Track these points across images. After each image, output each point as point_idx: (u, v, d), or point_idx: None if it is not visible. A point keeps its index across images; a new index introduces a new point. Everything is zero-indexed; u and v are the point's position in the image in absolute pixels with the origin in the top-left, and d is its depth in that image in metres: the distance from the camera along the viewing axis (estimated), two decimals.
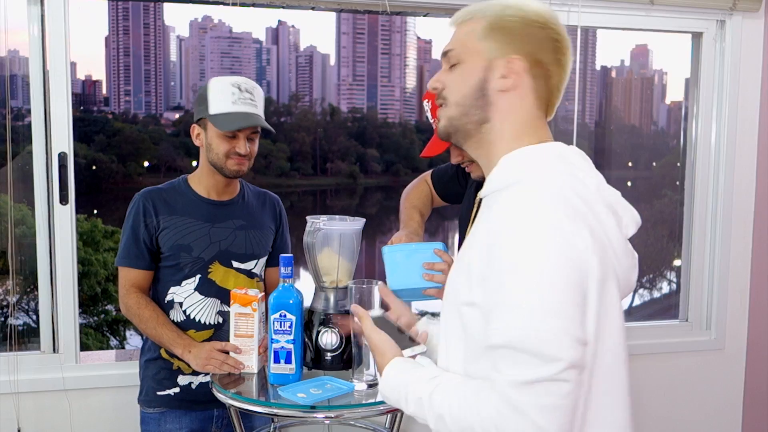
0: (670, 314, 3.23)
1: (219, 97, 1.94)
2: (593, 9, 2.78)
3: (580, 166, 1.13)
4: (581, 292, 1.01)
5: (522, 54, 1.12)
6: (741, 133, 3.00)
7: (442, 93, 1.18)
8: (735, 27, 2.95)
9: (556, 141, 1.16)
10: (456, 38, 1.18)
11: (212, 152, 1.98)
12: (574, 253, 1.00)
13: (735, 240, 3.04)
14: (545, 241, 0.99)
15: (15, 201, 2.43)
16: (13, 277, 2.45)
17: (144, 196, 2.03)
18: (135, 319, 2.00)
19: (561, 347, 0.97)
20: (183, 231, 2.01)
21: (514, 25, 1.13)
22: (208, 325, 2.03)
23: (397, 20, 50.12)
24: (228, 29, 55.37)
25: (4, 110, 2.49)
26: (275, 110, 46.06)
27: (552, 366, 0.96)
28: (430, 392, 1.09)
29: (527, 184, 1.06)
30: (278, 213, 2.19)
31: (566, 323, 0.98)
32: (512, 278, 0.99)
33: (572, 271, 1.00)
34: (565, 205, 1.03)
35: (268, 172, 34.01)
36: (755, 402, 3.09)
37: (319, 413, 1.71)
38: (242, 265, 2.05)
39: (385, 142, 42.05)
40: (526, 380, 0.97)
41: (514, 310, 0.98)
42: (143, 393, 2.08)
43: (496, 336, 1.00)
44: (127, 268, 2.02)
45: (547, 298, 0.97)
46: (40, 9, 2.38)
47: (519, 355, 0.98)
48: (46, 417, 2.44)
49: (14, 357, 2.40)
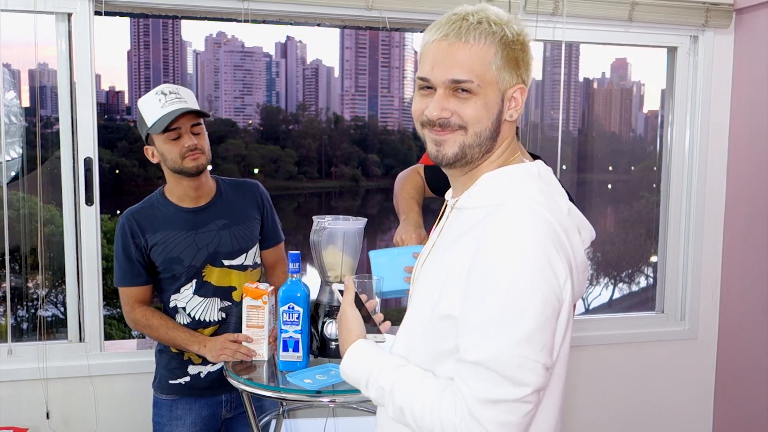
0: (647, 306, 3.23)
1: (149, 108, 1.89)
2: (577, 25, 2.78)
3: (554, 187, 1.09)
4: (555, 319, 0.99)
5: (525, 82, 1.08)
6: (712, 139, 3.00)
7: (453, 121, 1.06)
8: (707, 42, 2.95)
9: (543, 147, 1.14)
10: (468, 65, 1.03)
11: (168, 160, 1.90)
12: (556, 284, 0.98)
13: (707, 237, 3.04)
14: (534, 270, 0.96)
15: (44, 202, 2.42)
16: (42, 272, 2.45)
17: (127, 218, 1.96)
18: (146, 330, 1.96)
19: (531, 374, 0.96)
20: (170, 245, 1.95)
21: (518, 53, 1.05)
22: (212, 322, 2.00)
23: (396, 35, 50.00)
24: (240, 44, 55.26)
25: (35, 118, 2.49)
26: (284, 119, 46.06)
27: (519, 390, 0.96)
28: (392, 383, 1.06)
29: (515, 209, 1.00)
30: (260, 199, 2.08)
31: (539, 351, 0.96)
32: (495, 299, 0.95)
33: (553, 301, 0.98)
34: (553, 235, 0.99)
35: (277, 176, 33.91)
36: (726, 387, 3.09)
37: (324, 397, 1.71)
38: (233, 261, 2.01)
39: (385, 148, 41.95)
40: (493, 399, 0.96)
41: (492, 331, 0.95)
42: (157, 380, 2.07)
43: (470, 352, 0.97)
44: (127, 288, 1.98)
45: (527, 324, 0.95)
46: (68, 25, 2.37)
47: (489, 373, 0.96)
48: (72, 401, 2.44)
49: (43, 346, 2.40)
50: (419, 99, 1.09)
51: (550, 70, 3.33)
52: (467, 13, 1.05)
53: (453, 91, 1.05)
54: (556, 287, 0.98)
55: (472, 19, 1.04)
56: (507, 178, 1.07)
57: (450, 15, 1.06)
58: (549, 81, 3.32)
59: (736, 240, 3.00)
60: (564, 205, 1.08)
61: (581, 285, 1.10)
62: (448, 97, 1.05)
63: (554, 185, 1.10)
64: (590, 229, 1.13)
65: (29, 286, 2.77)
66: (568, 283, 1.00)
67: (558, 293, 0.98)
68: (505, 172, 1.08)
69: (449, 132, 1.06)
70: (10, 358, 2.38)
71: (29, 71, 2.59)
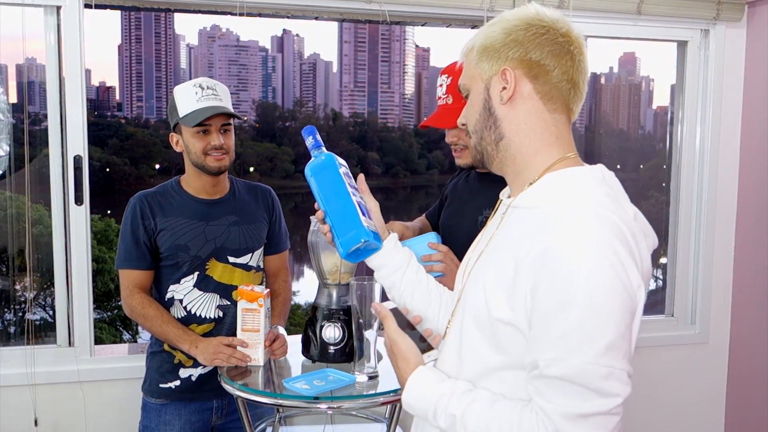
0: (657, 309, 3.23)
1: (184, 99, 1.94)
2: (584, 19, 2.78)
3: (619, 191, 1.09)
4: (631, 325, 0.98)
5: (511, 62, 1.08)
6: (724, 136, 3.00)
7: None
8: (718, 36, 2.95)
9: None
10: (463, 72, 1.16)
11: (191, 153, 1.97)
12: (631, 288, 0.97)
13: (718, 239, 3.04)
14: (612, 277, 0.94)
15: (32, 201, 2.43)
16: (30, 274, 2.45)
17: (139, 199, 2.01)
18: (140, 319, 1.98)
19: (618, 383, 0.95)
20: (179, 231, 1.99)
21: (496, 39, 1.09)
22: (208, 319, 2.01)
23: (396, 29, 50.10)
24: (235, 38, 55.35)
25: (23, 115, 2.49)
26: (280, 115, 46.12)
27: (608, 401, 0.94)
28: (463, 410, 1.04)
29: (585, 213, 0.99)
30: (270, 204, 2.14)
31: (622, 359, 0.95)
32: (574, 310, 0.94)
33: (631, 306, 0.97)
34: (623, 239, 0.98)
35: (273, 174, 34.01)
36: (737, 392, 3.09)
37: (321, 404, 1.70)
38: (238, 259, 2.03)
39: (385, 146, 42.06)
40: (582, 413, 0.94)
41: (574, 343, 0.94)
42: (147, 383, 2.08)
43: (553, 367, 0.95)
44: (129, 270, 2.00)
45: (610, 333, 0.94)
46: (57, 19, 2.37)
47: (576, 387, 0.94)
48: (61, 407, 2.44)
49: (32, 350, 2.39)
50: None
51: None
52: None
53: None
54: (631, 291, 0.97)
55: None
56: (571, 180, 1.06)
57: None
58: None
59: (748, 241, 3.00)
60: (630, 210, 1.07)
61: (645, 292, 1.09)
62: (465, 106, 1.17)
63: (619, 189, 1.10)
64: (654, 236, 1.12)
65: (17, 289, 2.77)
66: (641, 289, 0.99)
67: (633, 297, 0.97)
68: (568, 174, 1.07)
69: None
70: None
71: (17, 66, 2.59)
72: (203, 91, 1.94)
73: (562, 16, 1.11)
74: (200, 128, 1.93)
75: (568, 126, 1.12)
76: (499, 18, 1.12)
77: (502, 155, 1.12)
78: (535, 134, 1.09)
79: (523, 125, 1.09)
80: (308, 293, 13.90)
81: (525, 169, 1.10)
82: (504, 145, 1.11)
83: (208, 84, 1.96)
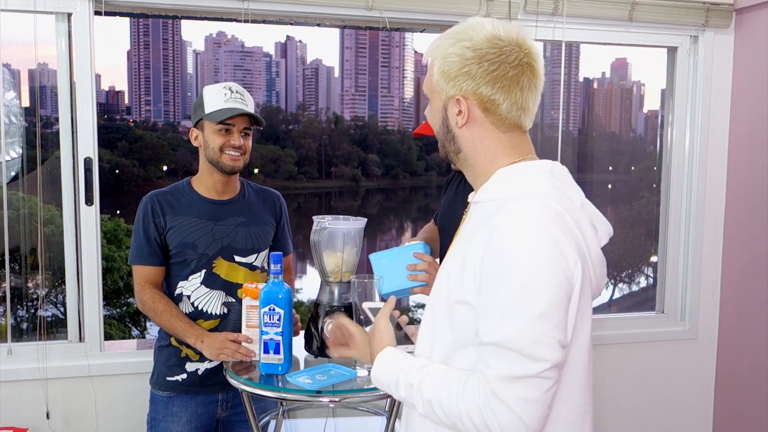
0: (647, 306, 3.23)
1: (213, 98, 1.97)
2: (577, 25, 2.78)
3: (567, 182, 1.15)
4: (567, 300, 1.03)
5: (464, 93, 1.12)
6: (712, 139, 3.00)
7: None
8: (707, 42, 2.95)
9: (543, 147, 1.16)
10: (427, 75, 1.18)
11: (209, 149, 1.98)
12: (566, 266, 1.02)
13: (707, 237, 3.04)
14: (544, 253, 1.01)
15: (44, 202, 2.43)
16: (42, 272, 2.45)
17: (151, 198, 2.03)
18: (150, 313, 1.99)
19: (547, 349, 1.00)
20: (188, 230, 2.00)
21: (453, 66, 1.12)
22: (214, 315, 2.02)
23: (396, 36, 50.21)
24: (240, 44, 55.36)
25: (35, 118, 2.50)
26: (284, 119, 46.13)
27: (538, 365, 0.99)
28: (420, 379, 1.11)
29: (526, 199, 1.06)
30: (278, 208, 2.16)
31: (554, 328, 1.00)
32: (510, 283, 1.00)
33: (563, 282, 1.02)
34: (561, 222, 1.04)
35: (277, 176, 34.00)
36: (726, 387, 3.09)
37: (324, 397, 1.70)
38: (244, 259, 2.04)
39: (385, 148, 42.06)
40: (514, 375, 1.00)
41: (508, 312, 1.00)
42: (155, 376, 2.08)
43: (489, 334, 1.01)
44: (140, 266, 2.01)
45: (540, 303, 0.99)
46: (68, 25, 2.37)
47: (509, 353, 1.00)
48: (72, 401, 2.44)
49: (43, 346, 2.40)
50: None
51: (550, 70, 3.31)
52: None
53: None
54: (566, 269, 1.02)
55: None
56: (519, 173, 1.12)
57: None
58: (549, 81, 3.30)
59: (736, 240, 3.01)
60: (577, 199, 1.13)
61: (599, 279, 1.15)
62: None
63: (568, 181, 1.15)
64: (606, 224, 1.18)
65: (29, 286, 2.77)
66: (578, 266, 1.04)
67: (569, 275, 1.03)
68: (517, 168, 1.13)
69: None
70: (10, 358, 2.39)
71: (29, 71, 2.59)
72: (232, 93, 1.97)
73: (518, 31, 1.13)
74: (223, 126, 1.96)
75: (525, 135, 1.18)
76: (457, 35, 1.14)
77: (462, 162, 1.19)
78: (490, 150, 1.15)
79: (478, 143, 1.15)
80: (310, 291, 13.91)
81: (484, 173, 1.16)
82: (463, 156, 1.18)
83: (237, 89, 1.99)
